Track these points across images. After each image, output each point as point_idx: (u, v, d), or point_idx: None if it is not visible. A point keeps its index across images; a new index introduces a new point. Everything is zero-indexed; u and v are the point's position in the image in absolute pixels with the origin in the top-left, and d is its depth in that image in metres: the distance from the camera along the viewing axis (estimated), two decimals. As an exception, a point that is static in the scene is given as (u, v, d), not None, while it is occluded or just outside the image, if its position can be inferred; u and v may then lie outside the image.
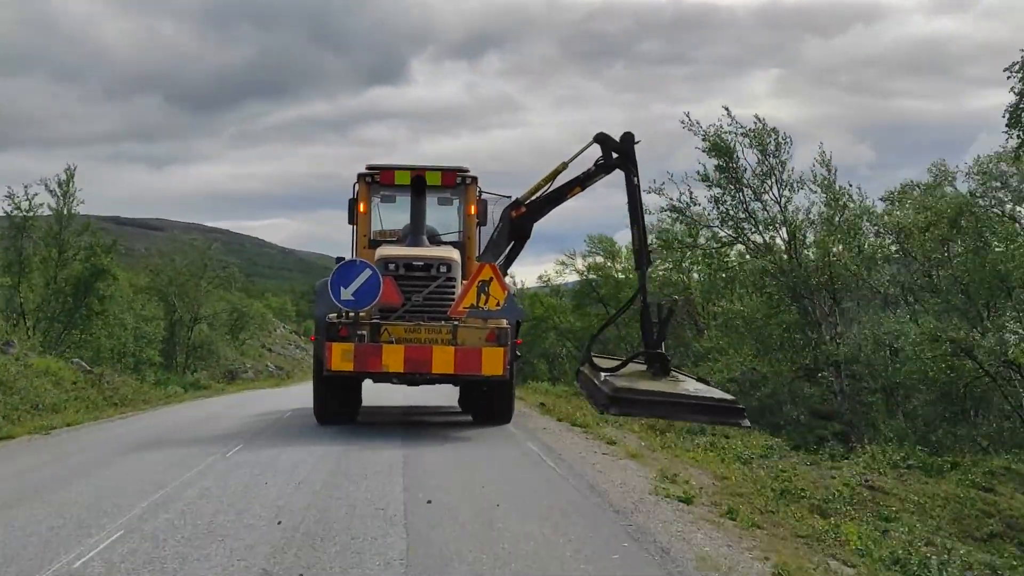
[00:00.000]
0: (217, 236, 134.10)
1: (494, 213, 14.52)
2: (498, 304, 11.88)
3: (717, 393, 16.66)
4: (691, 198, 26.37)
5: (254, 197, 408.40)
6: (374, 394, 15.21)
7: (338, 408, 12.99)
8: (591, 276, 45.84)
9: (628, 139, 15.11)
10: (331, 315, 11.94)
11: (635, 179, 15.32)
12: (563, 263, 47.42)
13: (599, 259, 45.69)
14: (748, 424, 16.22)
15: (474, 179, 13.54)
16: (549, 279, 48.77)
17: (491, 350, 11.68)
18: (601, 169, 15.22)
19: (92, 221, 31.63)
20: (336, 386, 12.59)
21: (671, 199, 26.39)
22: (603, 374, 15.49)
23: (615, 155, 15.22)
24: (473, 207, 13.61)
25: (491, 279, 11.96)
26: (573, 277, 47.82)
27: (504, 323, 12.02)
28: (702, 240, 28.03)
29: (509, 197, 14.16)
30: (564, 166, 15.09)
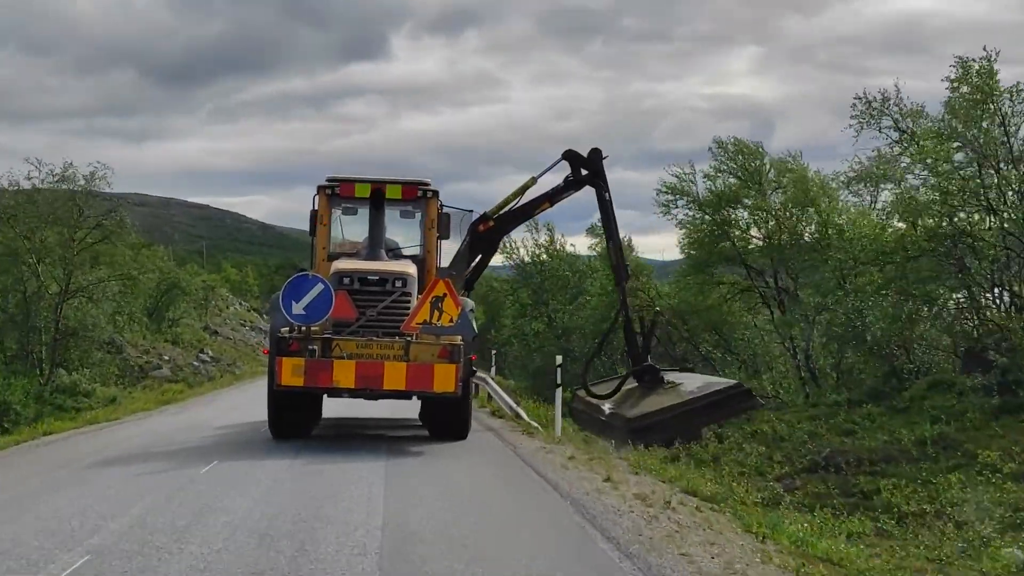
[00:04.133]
0: (198, 211, 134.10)
1: (463, 227, 14.45)
2: (451, 320, 11.71)
3: (719, 382, 16.67)
4: None
5: (232, 173, 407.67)
6: (336, 405, 14.93)
7: (293, 423, 12.81)
8: (725, 214, 26.23)
9: (596, 155, 15.07)
10: (283, 329, 11.81)
11: (606, 194, 15.25)
12: (670, 190, 26.80)
13: (733, 181, 26.41)
14: (762, 403, 16.11)
15: (435, 192, 13.40)
16: (630, 243, 30.43)
17: (443, 366, 11.49)
18: (571, 185, 15.18)
19: None
20: (291, 400, 12.41)
21: None
22: (606, 406, 15.40)
23: (584, 171, 15.19)
24: (434, 220, 13.47)
25: (445, 295, 11.79)
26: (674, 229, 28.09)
27: (458, 339, 11.83)
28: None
29: (471, 211, 14.11)
30: (533, 181, 15.07)
